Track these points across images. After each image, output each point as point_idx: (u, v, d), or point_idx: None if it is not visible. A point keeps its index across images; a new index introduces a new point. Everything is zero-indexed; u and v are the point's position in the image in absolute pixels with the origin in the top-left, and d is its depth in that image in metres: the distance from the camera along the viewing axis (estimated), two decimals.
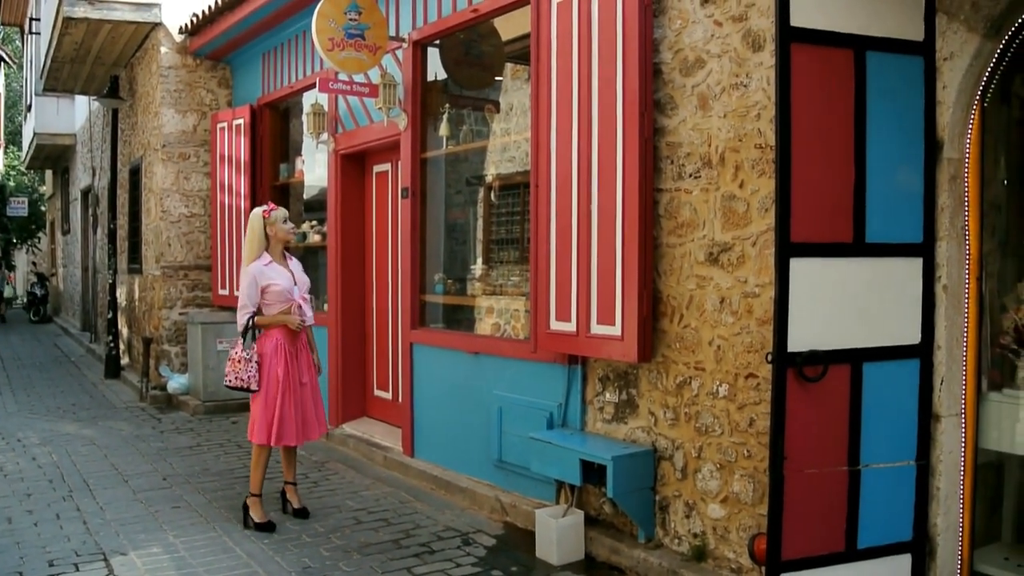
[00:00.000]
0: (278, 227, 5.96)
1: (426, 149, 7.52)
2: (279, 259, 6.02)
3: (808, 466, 3.69)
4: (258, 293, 5.86)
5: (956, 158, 3.93)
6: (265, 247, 5.96)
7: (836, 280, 3.71)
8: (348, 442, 8.23)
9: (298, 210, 10.52)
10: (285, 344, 5.90)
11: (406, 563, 5.24)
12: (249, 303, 5.86)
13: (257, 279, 5.85)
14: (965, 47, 3.83)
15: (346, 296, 8.66)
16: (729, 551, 4.71)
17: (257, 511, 5.96)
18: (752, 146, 4.57)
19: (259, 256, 5.93)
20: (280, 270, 5.95)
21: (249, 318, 5.84)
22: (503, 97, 7.61)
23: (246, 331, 5.84)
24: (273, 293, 5.87)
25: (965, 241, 3.96)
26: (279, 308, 5.90)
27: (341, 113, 8.66)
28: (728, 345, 4.69)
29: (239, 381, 5.81)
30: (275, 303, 5.89)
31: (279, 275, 5.91)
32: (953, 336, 3.94)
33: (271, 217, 5.94)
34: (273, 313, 5.91)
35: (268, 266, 5.90)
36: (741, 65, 4.65)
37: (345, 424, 8.62)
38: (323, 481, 7.13)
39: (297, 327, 5.92)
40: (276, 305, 5.90)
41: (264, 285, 5.85)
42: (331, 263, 8.78)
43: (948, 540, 3.97)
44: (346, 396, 8.71)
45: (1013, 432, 4.06)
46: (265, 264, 5.90)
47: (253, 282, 5.85)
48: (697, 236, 4.87)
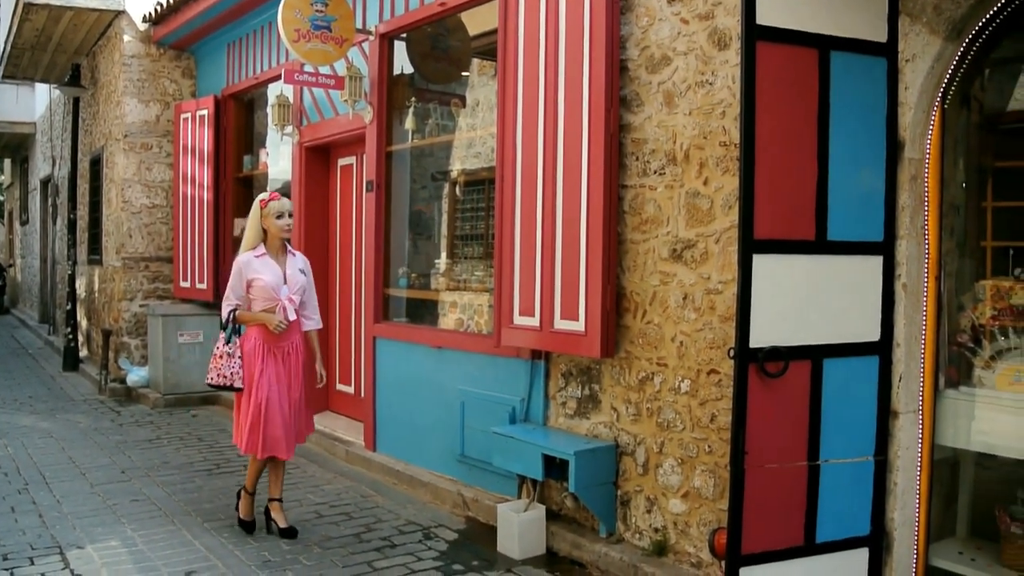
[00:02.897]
0: (271, 220, 5.48)
1: (391, 143, 7.49)
2: (276, 253, 5.55)
3: (768, 461, 3.72)
4: (243, 286, 5.47)
5: (917, 158, 3.98)
6: (263, 238, 5.54)
7: (798, 277, 3.75)
8: (310, 436, 8.15)
9: None
10: (265, 345, 5.46)
11: (367, 557, 5.23)
12: (233, 295, 5.50)
13: (243, 271, 5.47)
14: (927, 49, 3.88)
15: None
16: (690, 545, 4.74)
17: (244, 507, 5.75)
18: (717, 144, 4.60)
19: (254, 247, 5.53)
20: (270, 265, 5.49)
21: (231, 312, 5.48)
22: (470, 92, 7.60)
23: (227, 325, 5.48)
24: (257, 288, 5.45)
25: (924, 240, 4.01)
26: (263, 306, 5.48)
27: (306, 105, 8.60)
28: (690, 341, 4.72)
29: (222, 378, 5.43)
30: (259, 299, 5.47)
31: (267, 270, 5.46)
32: (912, 334, 3.99)
33: (267, 208, 5.49)
34: (257, 310, 5.50)
35: (259, 259, 5.48)
36: (707, 63, 4.67)
37: None
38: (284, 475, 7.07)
39: (275, 329, 5.41)
40: (260, 302, 5.48)
41: (249, 278, 5.45)
42: None
43: (905, 535, 4.02)
44: (307, 390, 8.59)
45: (969, 429, 4.12)
46: (256, 256, 5.49)
47: (238, 273, 5.48)
48: (661, 232, 4.89)
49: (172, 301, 10.93)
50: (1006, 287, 4.14)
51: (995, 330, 4.13)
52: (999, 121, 5.16)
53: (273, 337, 5.46)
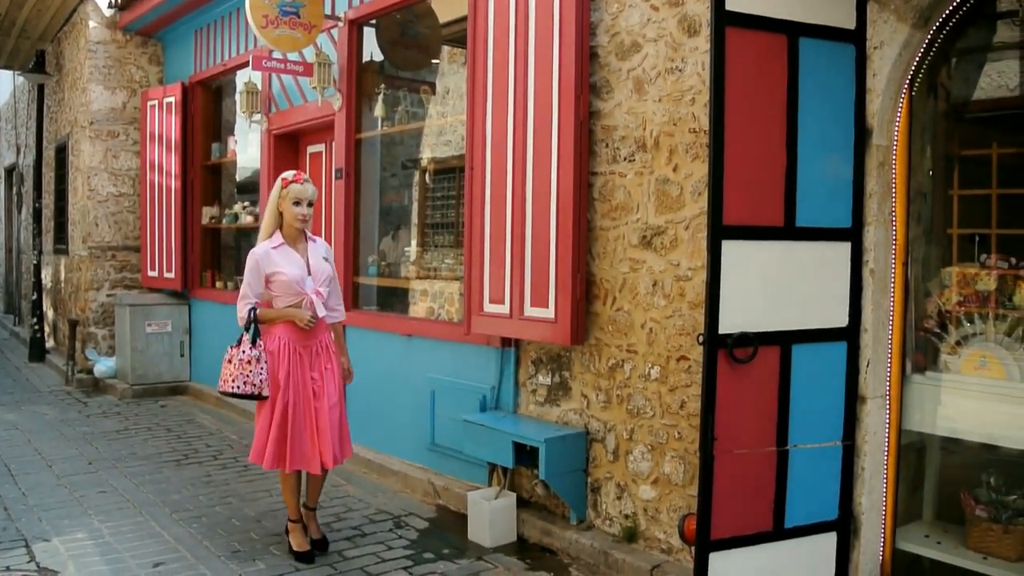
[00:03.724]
0: (287, 204, 4.88)
1: (361, 130, 7.44)
2: (294, 241, 4.97)
3: (738, 447, 3.73)
4: (262, 282, 4.88)
5: (885, 145, 4.00)
6: (279, 225, 4.96)
7: (767, 263, 3.76)
8: None
9: (230, 191, 10.38)
10: (292, 344, 4.89)
11: (337, 546, 5.20)
12: (251, 293, 4.88)
13: (260, 265, 4.86)
14: (895, 36, 3.89)
15: None
16: (660, 532, 4.76)
17: (296, 538, 5.08)
18: (686, 130, 4.60)
19: (271, 235, 4.96)
20: (291, 255, 4.91)
21: (250, 311, 4.85)
22: (440, 80, 7.57)
23: (248, 325, 4.83)
24: (279, 283, 4.86)
25: (892, 227, 4.04)
26: (286, 302, 4.89)
27: (275, 92, 8.53)
28: (660, 328, 4.73)
29: (249, 387, 4.77)
30: (283, 295, 4.89)
31: (288, 262, 4.88)
32: (879, 319, 4.02)
33: (287, 190, 4.87)
34: (282, 307, 4.92)
35: (277, 250, 4.89)
36: (676, 50, 4.67)
37: None
38: (253, 465, 7.01)
39: (306, 325, 4.85)
40: (284, 298, 4.89)
41: (269, 273, 4.85)
42: None
43: (872, 519, 4.06)
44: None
45: (935, 414, 4.15)
46: (274, 247, 4.90)
47: (255, 268, 4.86)
48: (631, 219, 4.89)
49: (140, 291, 10.80)
50: (972, 273, 4.18)
51: (961, 316, 4.17)
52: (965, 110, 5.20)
53: (301, 336, 4.91)
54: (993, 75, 5.22)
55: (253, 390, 4.78)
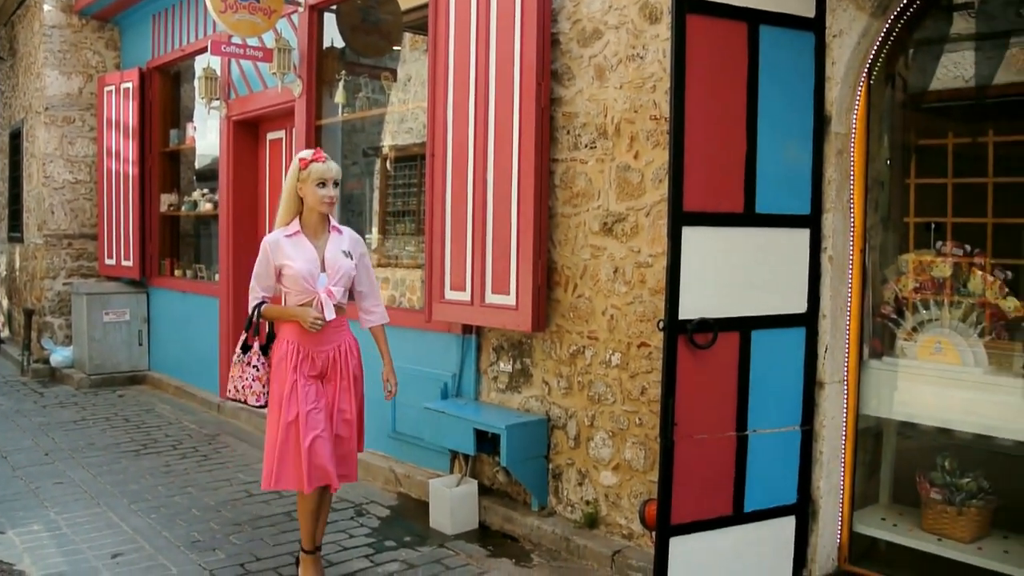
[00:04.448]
0: (310, 188, 4.22)
1: (321, 116, 7.38)
2: (314, 231, 4.31)
3: (698, 432, 3.75)
4: (271, 273, 4.27)
5: (843, 133, 4.04)
6: (299, 211, 4.31)
7: (727, 249, 3.78)
8: (240, 414, 8.07)
9: (189, 178, 10.27)
10: (302, 349, 4.24)
11: (298, 535, 5.15)
12: (259, 286, 4.30)
13: (270, 255, 4.25)
14: (853, 25, 3.93)
15: (238, 266, 8.44)
16: (621, 517, 4.78)
17: (307, 571, 4.47)
18: (647, 117, 4.61)
19: (288, 222, 4.31)
20: (304, 246, 4.25)
21: (256, 307, 4.32)
22: (401, 67, 7.53)
23: (250, 323, 4.34)
24: (288, 277, 4.24)
25: (850, 214, 4.08)
26: (298, 299, 4.26)
27: (234, 78, 8.43)
28: (621, 314, 4.74)
29: (235, 392, 4.37)
30: (293, 291, 4.27)
31: (300, 254, 4.23)
32: (838, 305, 4.06)
33: (307, 171, 4.21)
34: (293, 304, 4.30)
35: (291, 239, 4.26)
36: (638, 37, 4.67)
37: None
38: (213, 455, 6.98)
39: (310, 326, 4.19)
40: (294, 294, 4.27)
41: (279, 264, 4.24)
42: (223, 232, 8.57)
43: (830, 502, 4.10)
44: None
45: (892, 399, 4.21)
46: (288, 235, 4.26)
47: (264, 259, 4.27)
48: (592, 206, 4.90)
49: (97, 279, 10.66)
50: (928, 261, 4.23)
51: (917, 302, 4.22)
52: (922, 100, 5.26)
53: (312, 339, 4.25)
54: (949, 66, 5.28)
55: (236, 396, 4.36)
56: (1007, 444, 4.03)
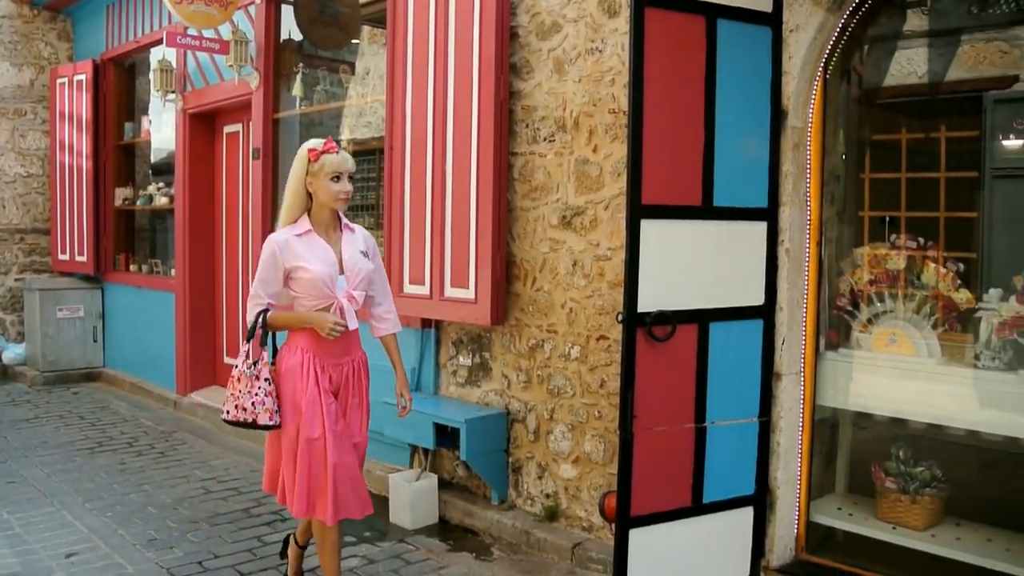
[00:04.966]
0: (322, 182, 3.71)
1: (279, 109, 7.32)
2: (326, 228, 3.81)
3: (657, 424, 3.77)
4: (279, 277, 3.73)
5: (800, 127, 4.07)
6: (307, 207, 3.80)
7: (685, 242, 3.79)
8: (197, 411, 8.00)
9: (145, 171, 10.13)
10: (317, 360, 3.77)
11: (257, 532, 5.13)
12: (263, 291, 3.75)
13: (278, 256, 3.70)
14: (810, 20, 3.96)
15: (194, 261, 8.38)
16: (581, 510, 4.80)
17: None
18: (606, 111, 4.62)
19: (295, 219, 3.79)
20: (319, 246, 3.75)
21: (259, 315, 3.75)
22: (360, 61, 7.48)
23: (251, 333, 3.76)
24: (302, 282, 3.71)
25: (807, 207, 4.12)
26: (313, 305, 3.75)
27: (190, 70, 8.34)
28: (580, 308, 4.75)
29: (239, 412, 3.70)
30: (306, 297, 3.75)
31: (315, 255, 3.72)
32: (794, 298, 4.09)
33: (319, 163, 3.70)
34: (304, 310, 3.78)
35: (302, 238, 3.74)
36: (597, 31, 4.68)
37: (194, 393, 8.36)
38: (170, 451, 6.91)
39: (328, 334, 3.67)
40: (307, 300, 3.75)
41: (289, 267, 3.71)
42: (178, 227, 8.48)
43: (787, 493, 4.14)
44: (195, 364, 8.45)
45: (847, 390, 4.26)
46: (298, 235, 3.74)
47: (272, 260, 3.71)
48: (551, 200, 4.90)
49: (50, 275, 10.48)
50: (882, 253, 4.28)
51: (872, 294, 4.27)
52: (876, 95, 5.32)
53: (327, 350, 3.79)
54: (903, 62, 5.35)
55: (244, 416, 3.69)
56: (959, 433, 4.10)
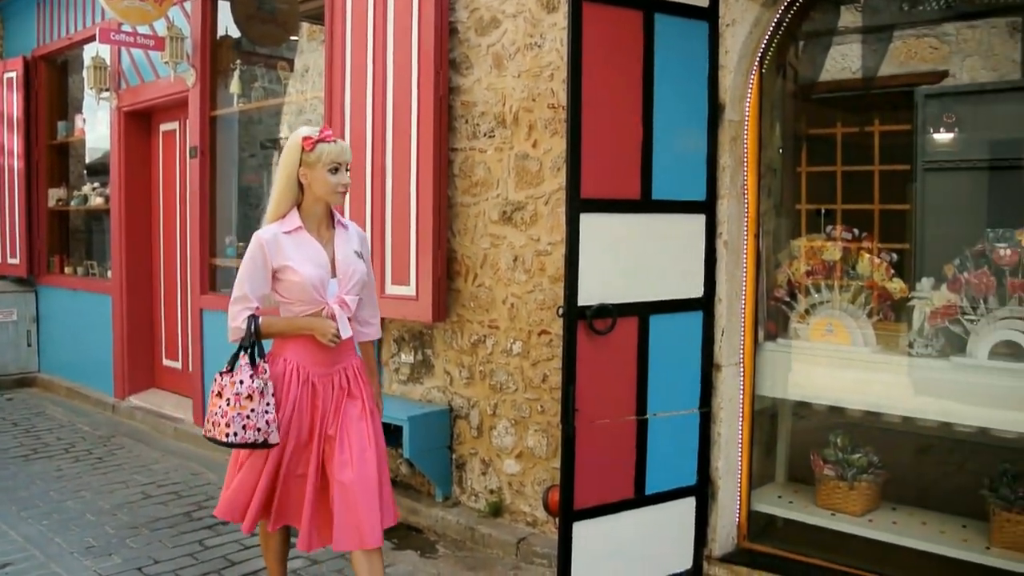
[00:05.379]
0: (319, 173, 3.33)
1: (216, 107, 7.21)
2: (318, 225, 3.45)
3: (599, 417, 3.79)
4: (267, 279, 3.35)
5: (737, 120, 4.11)
6: (298, 201, 3.42)
7: (625, 235, 3.82)
8: (136, 415, 7.86)
9: (79, 171, 9.94)
10: (303, 372, 3.41)
11: (198, 536, 5.05)
12: (249, 293, 3.33)
13: (266, 255, 3.32)
14: (746, 15, 4.00)
15: (131, 262, 8.23)
16: (525, 505, 4.80)
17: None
18: (545, 106, 4.63)
19: (283, 215, 3.41)
20: (309, 245, 3.38)
21: (248, 320, 3.32)
22: (299, 57, 7.42)
23: (246, 343, 3.32)
24: (291, 285, 3.34)
25: (744, 200, 4.16)
26: (301, 311, 3.39)
27: (125, 67, 8.19)
28: (521, 303, 4.76)
29: (252, 431, 3.24)
30: (294, 302, 3.38)
31: (304, 254, 3.35)
32: (733, 290, 4.14)
33: (314, 152, 3.32)
34: (292, 316, 3.42)
35: (291, 236, 3.36)
36: (535, 26, 4.68)
37: (132, 396, 8.22)
38: (108, 456, 6.77)
39: (329, 341, 3.34)
40: (295, 305, 3.38)
41: (277, 267, 3.33)
42: (114, 227, 8.32)
43: (728, 483, 4.19)
44: (133, 367, 8.30)
45: (786, 379, 4.32)
46: (287, 231, 3.36)
47: (259, 259, 3.33)
48: (491, 195, 4.89)
49: None
50: (819, 245, 4.35)
51: (809, 285, 4.33)
52: (812, 90, 5.40)
53: (319, 359, 3.42)
54: (837, 57, 5.44)
55: (257, 437, 3.26)
56: (895, 420, 4.18)
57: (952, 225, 4.86)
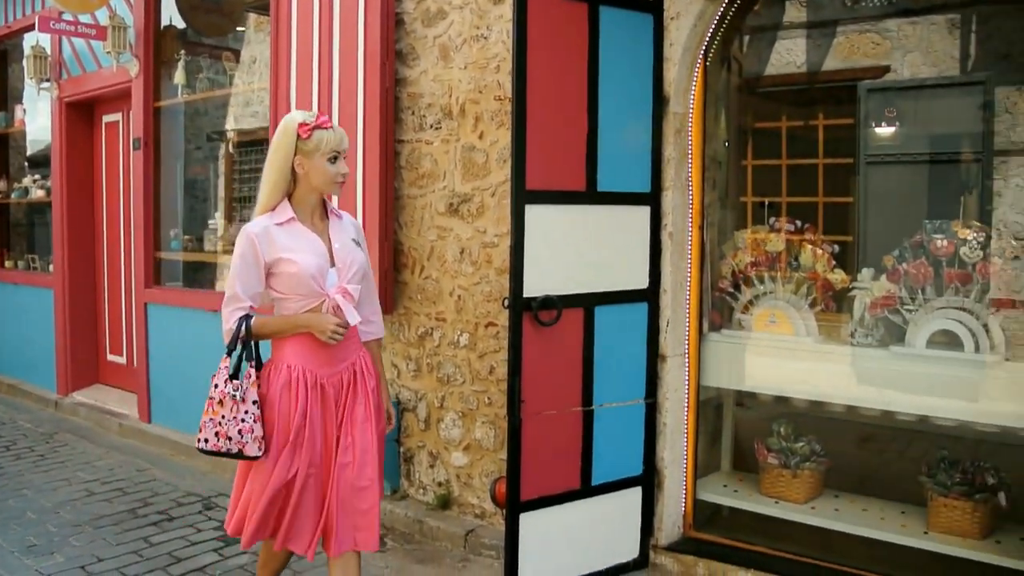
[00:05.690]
0: (316, 162, 3.08)
1: (160, 98, 7.11)
2: (311, 216, 3.19)
3: (545, 409, 3.80)
4: (260, 275, 3.09)
5: (681, 113, 4.14)
6: (290, 189, 3.15)
7: (570, 227, 3.83)
8: (79, 411, 7.73)
9: (20, 163, 9.74)
10: (310, 375, 3.13)
11: (143, 532, 4.99)
12: (241, 292, 3.08)
13: (257, 249, 3.06)
14: (690, 8, 4.02)
15: (74, 256, 8.10)
16: (473, 497, 4.80)
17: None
18: (492, 98, 4.62)
19: (275, 206, 3.13)
20: (304, 236, 3.13)
21: (240, 321, 3.10)
22: (246, 48, 7.33)
23: (234, 344, 3.11)
24: (287, 278, 3.08)
25: (689, 192, 4.19)
26: (299, 307, 3.13)
27: (66, 57, 8.04)
28: (468, 295, 4.75)
29: (223, 441, 3.07)
30: (291, 297, 3.12)
31: (301, 245, 3.10)
32: (678, 281, 4.17)
33: (311, 140, 3.07)
34: (290, 314, 3.16)
35: (284, 227, 3.10)
36: (482, 17, 4.67)
37: (76, 392, 8.09)
38: (51, 454, 6.66)
39: (330, 338, 3.06)
40: (293, 300, 3.12)
41: (271, 260, 3.07)
42: (56, 220, 8.17)
43: (674, 472, 4.22)
44: (76, 363, 8.16)
45: (731, 370, 4.36)
46: (279, 223, 3.10)
47: (251, 255, 3.07)
48: (438, 187, 4.88)
49: None
50: (762, 236, 4.40)
51: (753, 276, 4.38)
52: (758, 84, 5.46)
53: (322, 358, 3.16)
54: (783, 52, 5.50)
55: (230, 446, 3.05)
56: (838, 409, 4.25)
57: (893, 217, 4.95)
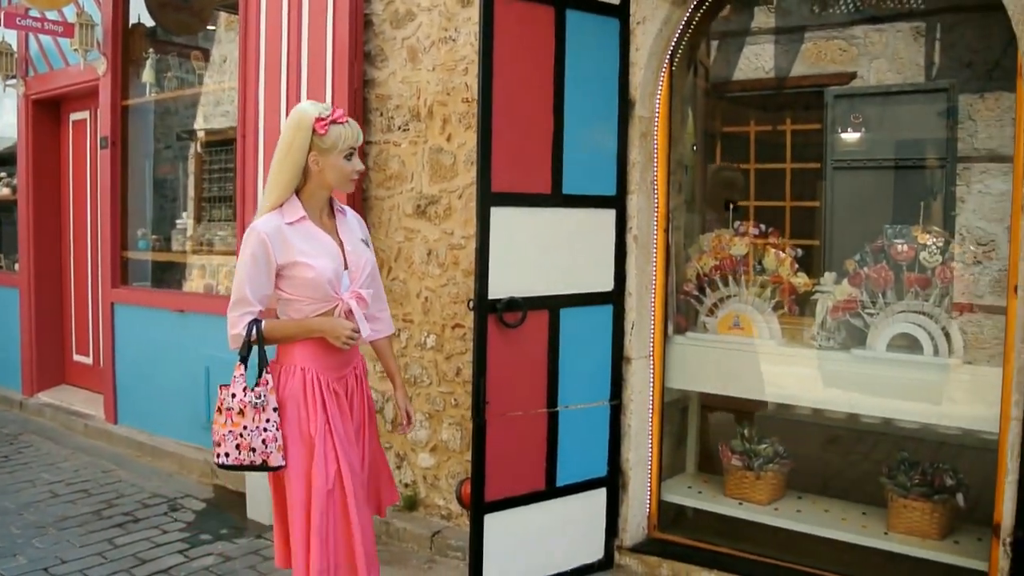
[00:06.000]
0: (332, 159, 2.90)
1: (128, 97, 7.06)
2: (319, 214, 3.01)
3: (510, 410, 3.82)
4: (271, 277, 2.90)
5: (647, 116, 4.17)
6: (299, 185, 2.96)
7: (535, 230, 3.85)
8: (45, 412, 7.66)
9: None
10: (323, 380, 2.96)
11: (108, 534, 4.96)
12: (251, 295, 2.89)
13: (270, 250, 2.86)
14: (656, 12, 4.05)
15: (40, 255, 8.02)
16: (439, 498, 4.81)
17: None
18: (460, 100, 4.63)
19: (282, 203, 2.94)
20: (317, 237, 2.95)
21: (251, 326, 2.90)
22: (216, 47, 7.29)
23: (248, 350, 2.92)
24: (301, 283, 2.91)
25: (654, 195, 4.22)
26: (312, 310, 2.95)
27: (33, 54, 7.96)
28: (435, 297, 4.76)
29: (245, 452, 2.84)
30: (302, 300, 2.94)
31: (314, 247, 2.92)
32: (643, 283, 4.19)
33: (330, 136, 2.87)
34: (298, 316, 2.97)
35: (295, 227, 2.91)
36: (450, 20, 4.68)
37: (41, 393, 8.01)
38: (15, 455, 6.59)
39: (344, 344, 2.91)
40: (305, 304, 2.94)
41: (285, 263, 2.89)
42: (22, 219, 8.10)
43: (639, 474, 4.25)
44: (41, 363, 8.09)
45: (695, 372, 4.39)
46: (289, 222, 2.91)
47: (261, 256, 2.87)
48: (405, 189, 4.88)
49: None
50: (727, 239, 4.43)
51: (717, 279, 4.41)
52: (725, 88, 5.50)
53: (332, 363, 3.00)
54: (751, 57, 5.55)
55: (254, 458, 2.86)
56: (803, 412, 4.29)
57: (859, 221, 5.00)
